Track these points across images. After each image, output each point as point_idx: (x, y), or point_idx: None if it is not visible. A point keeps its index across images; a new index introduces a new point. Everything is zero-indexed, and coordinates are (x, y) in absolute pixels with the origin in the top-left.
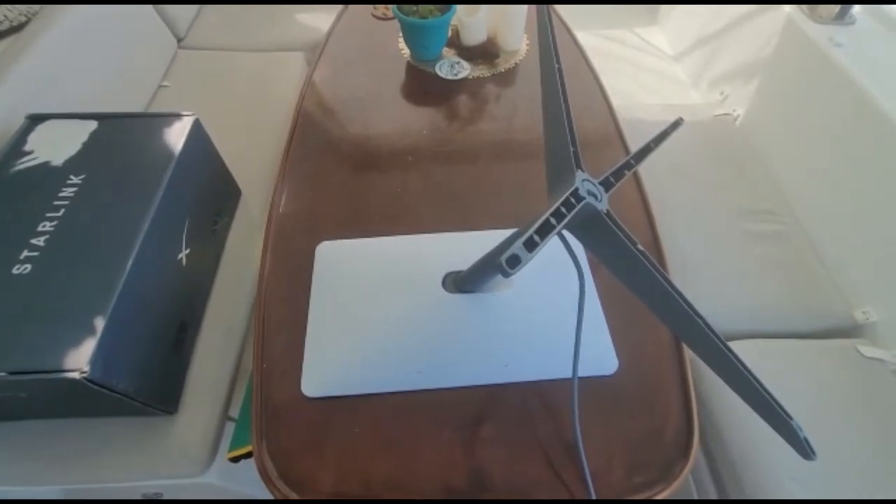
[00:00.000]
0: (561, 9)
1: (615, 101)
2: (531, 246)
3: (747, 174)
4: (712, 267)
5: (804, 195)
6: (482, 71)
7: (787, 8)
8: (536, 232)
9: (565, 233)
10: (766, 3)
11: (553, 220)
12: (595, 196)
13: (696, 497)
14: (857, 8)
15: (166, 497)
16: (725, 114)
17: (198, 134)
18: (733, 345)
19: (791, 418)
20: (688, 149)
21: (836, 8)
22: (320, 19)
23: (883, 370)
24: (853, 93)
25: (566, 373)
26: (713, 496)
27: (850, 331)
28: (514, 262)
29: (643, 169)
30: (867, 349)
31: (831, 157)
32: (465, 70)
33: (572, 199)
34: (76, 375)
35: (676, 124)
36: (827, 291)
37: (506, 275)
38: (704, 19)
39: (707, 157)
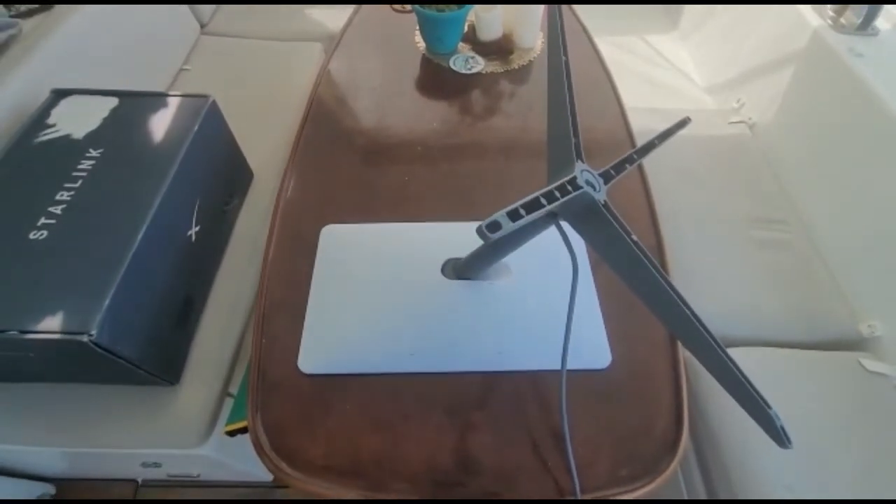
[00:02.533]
0: (581, 12)
1: (630, 106)
2: (514, 217)
3: (759, 182)
4: (718, 272)
5: (815, 205)
6: (496, 67)
7: (809, 15)
8: (523, 206)
9: (563, 224)
10: (788, 3)
11: (544, 201)
12: (594, 186)
13: (685, 497)
14: (881, 19)
15: (164, 467)
16: (741, 121)
17: (214, 115)
18: (736, 351)
19: (769, 407)
20: (700, 155)
21: (859, 17)
22: (339, 12)
23: (885, 385)
24: (870, 104)
25: (559, 364)
26: (703, 497)
27: (854, 343)
28: (494, 227)
29: (653, 173)
30: (870, 363)
31: (844, 168)
32: (478, 65)
33: (569, 187)
34: (84, 338)
35: (683, 123)
36: (833, 303)
37: (486, 240)
38: (725, 27)
39: (719, 163)
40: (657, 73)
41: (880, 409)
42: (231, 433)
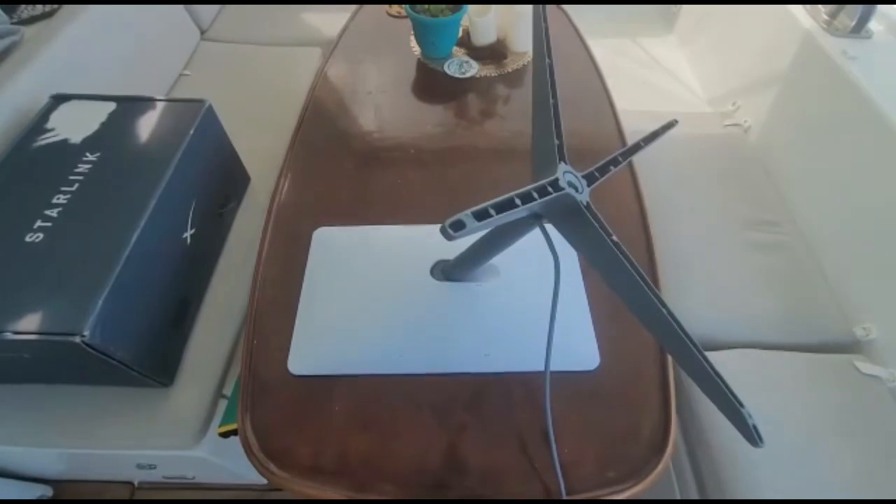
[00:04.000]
0: (576, 15)
1: (625, 109)
2: (482, 216)
3: (753, 185)
4: (712, 275)
5: (810, 208)
6: (490, 71)
7: (802, 18)
8: (493, 206)
9: (549, 227)
10: (783, 3)
11: (518, 201)
12: (576, 188)
13: (678, 497)
14: (874, 22)
15: (159, 469)
16: (736, 124)
17: (210, 120)
18: (729, 353)
19: (742, 405)
20: (695, 158)
21: (853, 19)
22: (338, 16)
23: (879, 387)
24: (863, 107)
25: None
26: (695, 497)
27: (848, 346)
28: (458, 226)
29: (647, 176)
30: (864, 365)
31: (839, 171)
32: (472, 69)
33: (549, 188)
34: (76, 339)
35: (669, 125)
36: (827, 305)
37: (449, 238)
38: (721, 31)
39: (714, 166)
40: (652, 77)
41: (874, 411)
42: (224, 434)
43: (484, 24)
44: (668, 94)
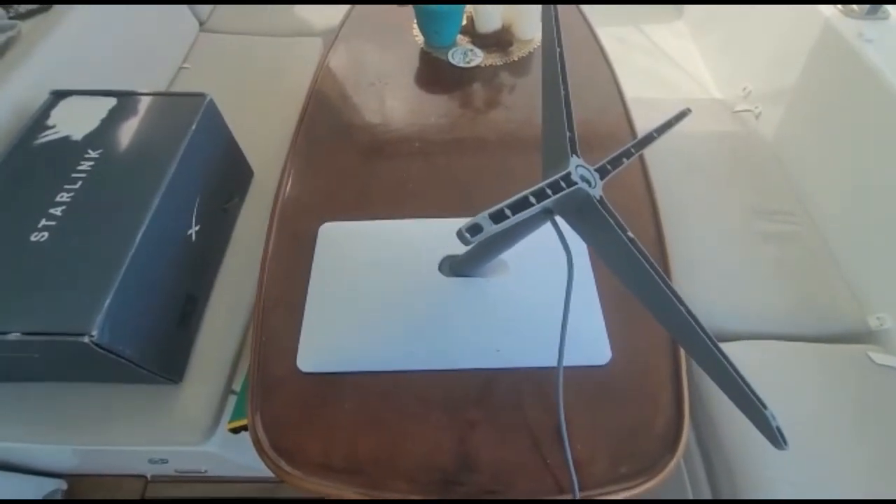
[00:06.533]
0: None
1: (634, 97)
2: (498, 218)
3: (764, 172)
4: (722, 265)
5: (823, 195)
6: (495, 59)
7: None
8: (509, 207)
9: (560, 220)
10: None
11: (533, 199)
12: (589, 182)
13: (690, 496)
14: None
15: (171, 463)
16: (747, 110)
17: (211, 114)
18: (741, 345)
19: (765, 407)
20: (705, 144)
21: None
22: (339, 5)
23: (894, 378)
24: (879, 90)
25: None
26: (708, 496)
27: (862, 336)
28: (475, 230)
29: (657, 165)
30: (879, 356)
31: (853, 157)
32: (477, 58)
33: (562, 183)
34: (84, 339)
35: (682, 115)
36: (840, 295)
37: (466, 243)
38: (730, 16)
39: (724, 153)
40: (661, 64)
41: (888, 402)
42: (234, 430)
43: (488, 11)
44: (677, 80)
